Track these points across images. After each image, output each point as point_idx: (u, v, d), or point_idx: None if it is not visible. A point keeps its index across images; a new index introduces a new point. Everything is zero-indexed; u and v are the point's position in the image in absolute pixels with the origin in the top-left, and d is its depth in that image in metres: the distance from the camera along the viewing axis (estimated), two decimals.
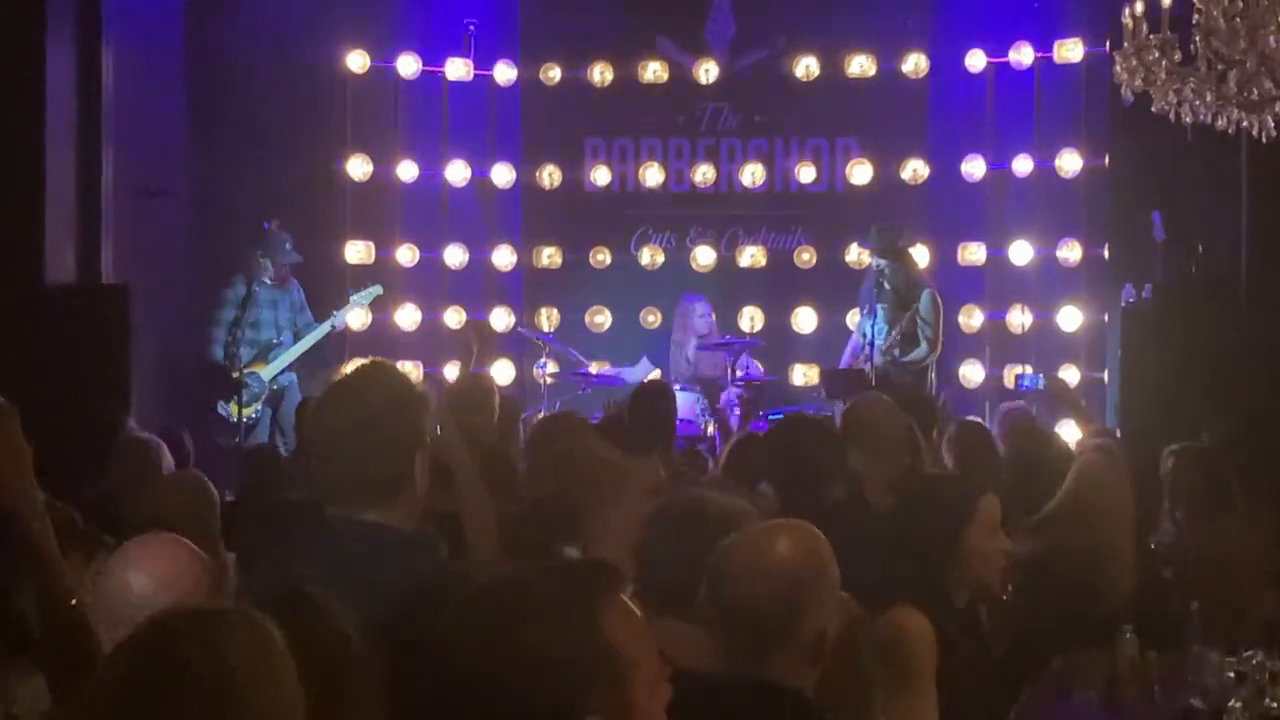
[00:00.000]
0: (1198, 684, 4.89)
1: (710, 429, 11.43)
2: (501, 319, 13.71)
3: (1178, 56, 8.11)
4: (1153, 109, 8.35)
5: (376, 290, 12.61)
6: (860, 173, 13.54)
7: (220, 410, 11.62)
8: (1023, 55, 13.09)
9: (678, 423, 11.28)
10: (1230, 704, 4.70)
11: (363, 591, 3.18)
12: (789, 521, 3.53)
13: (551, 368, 12.51)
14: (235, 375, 11.36)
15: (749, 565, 3.26)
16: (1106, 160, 12.75)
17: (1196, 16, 8.02)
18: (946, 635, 4.29)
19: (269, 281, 11.98)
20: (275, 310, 12.02)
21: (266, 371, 11.84)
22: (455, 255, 13.75)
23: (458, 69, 13.72)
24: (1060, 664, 5.03)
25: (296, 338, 12.01)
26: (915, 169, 13.42)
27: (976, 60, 13.23)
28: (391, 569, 3.44)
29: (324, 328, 12.10)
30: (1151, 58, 8.06)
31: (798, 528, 3.43)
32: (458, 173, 13.73)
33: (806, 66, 13.52)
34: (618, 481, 4.23)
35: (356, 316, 12.79)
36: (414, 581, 3.35)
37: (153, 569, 3.43)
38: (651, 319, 13.66)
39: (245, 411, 11.47)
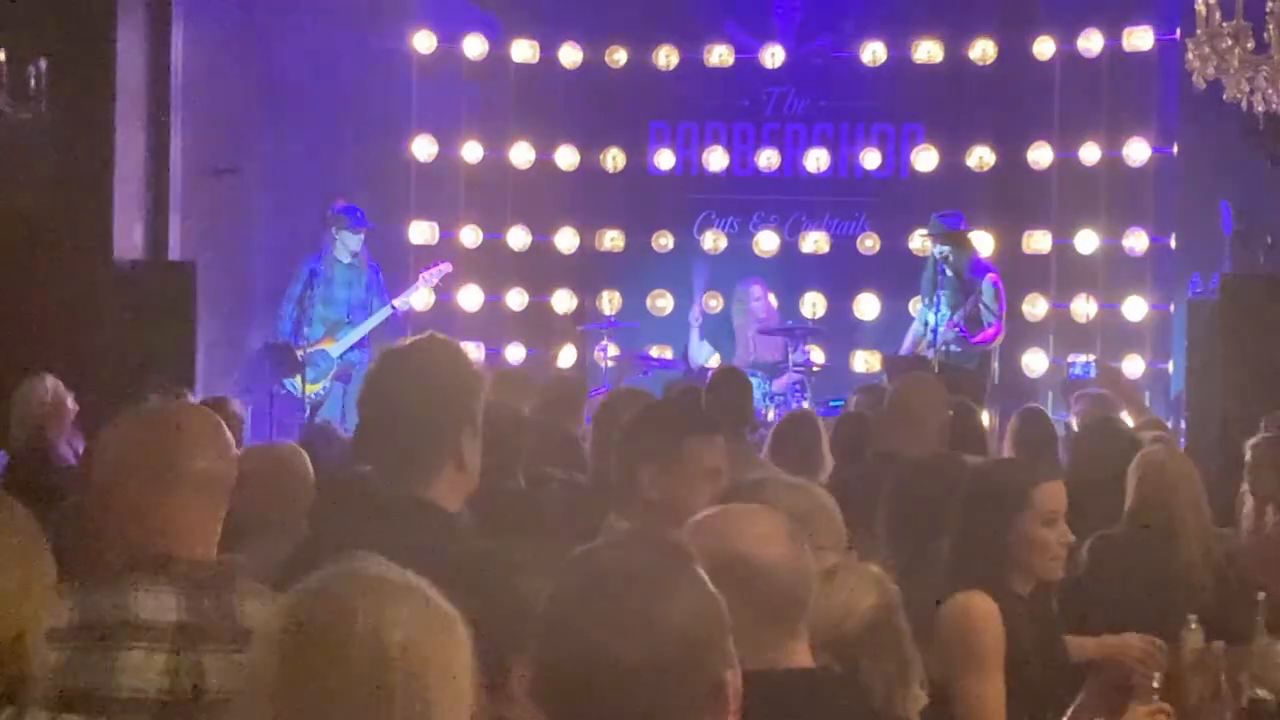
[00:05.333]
0: (1264, 675, 4.85)
1: (771, 414, 11.41)
2: (564, 301, 13.74)
3: (1251, 44, 8.05)
4: (1224, 98, 8.30)
5: (445, 268, 12.64)
6: (926, 159, 13.48)
7: (287, 386, 11.70)
8: (1091, 42, 12.98)
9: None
10: None
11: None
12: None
13: (612, 350, 12.54)
14: (299, 353, 11.44)
15: (760, 535, 3.10)
16: (1175, 149, 12.68)
17: (1270, 4, 7.97)
18: (1010, 622, 4.28)
19: (345, 260, 12.05)
20: (350, 289, 12.08)
21: (335, 348, 11.91)
22: (518, 237, 13.78)
23: (523, 50, 13.74)
24: None
25: (369, 316, 12.08)
26: (981, 156, 13.34)
27: (1045, 47, 13.14)
28: (416, 545, 3.36)
29: (389, 306, 12.13)
30: (1224, 46, 8.01)
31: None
32: (522, 154, 13.75)
33: (873, 52, 13.46)
34: (677, 460, 4.20)
35: (421, 297, 12.84)
36: (438, 561, 3.29)
37: None
38: (714, 303, 13.63)
39: (313, 388, 11.55)
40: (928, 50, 13.39)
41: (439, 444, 3.51)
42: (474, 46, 13.67)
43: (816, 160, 13.70)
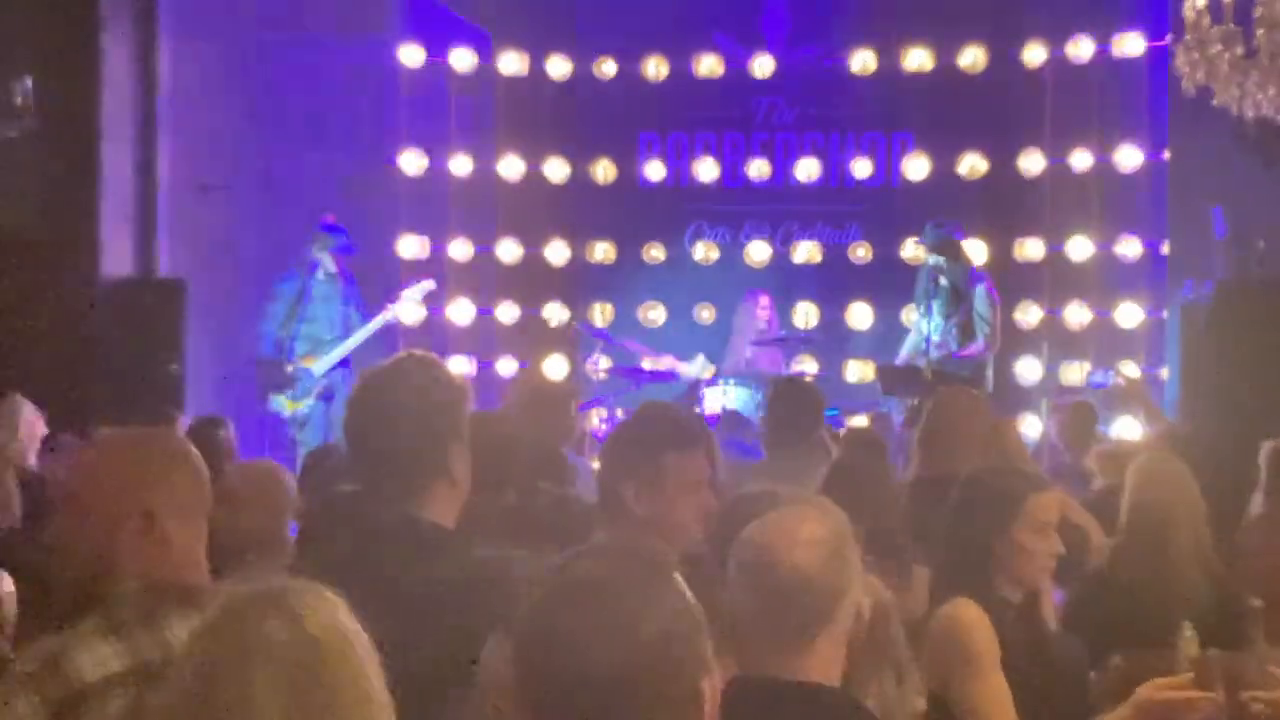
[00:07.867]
0: (1260, 684, 4.81)
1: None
2: (555, 314, 13.70)
3: (1240, 50, 8.03)
4: (1214, 103, 8.28)
5: (429, 285, 12.56)
6: (917, 167, 13.45)
7: (272, 404, 11.62)
8: (1081, 49, 12.97)
9: (742, 418, 11.29)
10: None
11: (387, 587, 3.15)
12: (808, 499, 3.47)
13: (604, 363, 12.49)
14: (288, 370, 11.38)
15: (790, 543, 3.10)
16: (1166, 155, 12.65)
17: (1259, 9, 7.94)
18: (1001, 628, 4.27)
19: (325, 276, 11.96)
20: (331, 305, 11.99)
21: (318, 366, 11.81)
22: (509, 250, 13.75)
23: (511, 63, 13.71)
24: (1120, 661, 4.97)
25: (350, 333, 11.99)
26: (972, 163, 13.31)
27: (1035, 54, 13.12)
28: (418, 565, 3.39)
29: (374, 323, 12.04)
30: (1214, 51, 7.99)
31: (819, 504, 3.36)
32: (511, 166, 13.72)
33: (863, 60, 13.44)
34: (658, 475, 4.17)
35: (409, 312, 12.75)
36: (440, 579, 3.33)
37: None
38: (705, 314, 13.60)
39: (296, 405, 11.47)
40: (918, 58, 13.36)
41: (430, 462, 3.53)
42: (462, 59, 13.64)
43: (807, 170, 13.67)
